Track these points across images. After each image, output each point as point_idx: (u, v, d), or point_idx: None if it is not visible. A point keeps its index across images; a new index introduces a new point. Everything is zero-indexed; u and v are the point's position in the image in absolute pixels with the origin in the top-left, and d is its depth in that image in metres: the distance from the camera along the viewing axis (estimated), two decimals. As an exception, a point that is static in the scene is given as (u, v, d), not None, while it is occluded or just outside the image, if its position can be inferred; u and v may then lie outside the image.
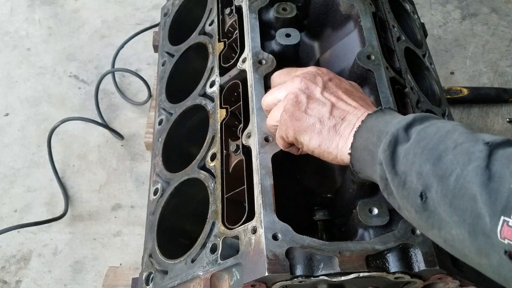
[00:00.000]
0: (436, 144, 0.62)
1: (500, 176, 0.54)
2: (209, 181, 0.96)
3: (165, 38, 1.37)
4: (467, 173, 0.56)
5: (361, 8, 1.08)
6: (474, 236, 0.55)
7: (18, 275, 1.53)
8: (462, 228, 0.56)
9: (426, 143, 0.63)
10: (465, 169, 0.57)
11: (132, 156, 1.80)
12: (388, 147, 0.66)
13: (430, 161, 0.61)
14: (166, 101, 1.21)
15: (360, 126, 0.73)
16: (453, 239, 0.59)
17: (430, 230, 0.63)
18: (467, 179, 0.56)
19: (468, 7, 2.33)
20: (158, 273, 0.96)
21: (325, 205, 0.99)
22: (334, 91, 0.80)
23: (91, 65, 2.05)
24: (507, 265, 0.53)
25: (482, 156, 0.56)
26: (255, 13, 1.10)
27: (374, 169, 0.70)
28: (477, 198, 0.54)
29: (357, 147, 0.73)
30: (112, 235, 1.62)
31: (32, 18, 2.21)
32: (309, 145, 0.78)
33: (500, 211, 0.52)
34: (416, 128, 0.66)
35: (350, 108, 0.77)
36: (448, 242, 0.61)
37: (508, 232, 0.51)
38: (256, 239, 0.80)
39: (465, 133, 0.62)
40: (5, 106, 1.92)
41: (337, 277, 0.78)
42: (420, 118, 0.68)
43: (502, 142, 0.58)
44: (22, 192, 1.70)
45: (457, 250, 0.61)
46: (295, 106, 0.79)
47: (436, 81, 1.24)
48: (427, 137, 0.64)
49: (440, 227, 0.61)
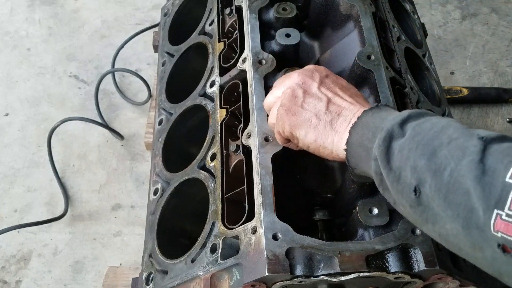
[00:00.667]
0: (430, 139, 0.62)
1: (494, 170, 0.54)
2: (209, 181, 0.96)
3: (165, 38, 1.37)
4: (461, 167, 0.56)
5: (361, 8, 1.08)
6: (468, 230, 0.56)
7: (18, 275, 1.53)
8: (456, 222, 0.57)
9: (421, 138, 0.63)
10: (459, 164, 0.57)
11: (132, 156, 1.80)
12: (383, 143, 0.67)
13: (425, 156, 0.61)
14: (166, 101, 1.21)
15: (356, 122, 0.73)
16: (447, 234, 0.60)
17: (424, 224, 0.64)
18: (461, 173, 0.56)
19: (468, 7, 2.33)
20: (158, 273, 0.96)
21: (325, 205, 0.99)
22: (330, 86, 0.81)
23: (91, 65, 2.05)
24: (500, 258, 0.53)
25: (476, 151, 0.56)
26: (255, 13, 1.10)
27: (369, 165, 0.70)
28: (470, 192, 0.55)
29: (353, 142, 0.73)
30: (112, 235, 1.62)
31: (32, 18, 2.21)
32: (305, 139, 0.78)
33: (493, 204, 0.52)
34: (411, 124, 0.67)
35: (346, 103, 0.77)
36: (442, 237, 0.61)
37: (501, 225, 0.52)
38: (256, 239, 0.80)
39: (460, 128, 0.62)
40: (5, 106, 1.92)
41: (337, 277, 0.78)
42: (416, 114, 0.68)
43: (496, 137, 0.58)
44: (22, 192, 1.70)
45: (451, 244, 0.61)
46: (291, 100, 0.80)
47: (436, 81, 1.24)
48: (422, 132, 0.64)
49: (435, 222, 0.61)
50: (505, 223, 0.51)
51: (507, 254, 0.52)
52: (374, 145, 0.68)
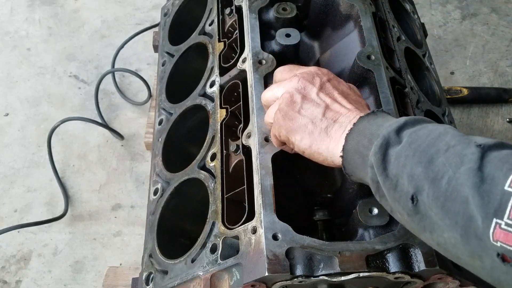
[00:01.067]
0: (427, 147, 0.61)
1: (493, 178, 0.53)
2: (209, 181, 0.96)
3: (165, 38, 1.37)
4: (459, 175, 0.56)
5: (361, 8, 1.08)
6: (466, 239, 0.55)
7: (18, 275, 1.53)
8: (454, 231, 0.56)
9: (417, 145, 0.63)
10: (457, 172, 0.56)
11: (132, 156, 1.80)
12: (379, 150, 0.66)
13: (422, 164, 0.60)
14: (166, 101, 1.21)
15: (352, 129, 0.73)
16: (445, 242, 0.59)
17: (422, 233, 0.63)
18: (459, 181, 0.55)
19: (468, 7, 2.33)
20: (158, 273, 0.96)
21: (325, 205, 0.99)
22: (330, 92, 0.80)
23: (91, 65, 2.05)
24: (499, 268, 0.53)
25: (474, 158, 0.56)
26: (255, 13, 1.10)
27: (365, 172, 0.70)
28: (469, 201, 0.54)
29: (349, 149, 0.72)
30: (112, 235, 1.62)
31: (32, 18, 2.21)
32: (300, 145, 0.78)
33: (492, 213, 0.52)
34: (407, 131, 0.66)
35: (343, 110, 0.77)
36: (441, 245, 0.61)
37: (501, 234, 0.51)
38: (256, 239, 0.80)
39: (457, 135, 0.61)
40: (5, 106, 1.92)
41: (337, 277, 0.78)
42: (412, 121, 0.67)
43: (494, 144, 0.57)
44: (22, 192, 1.70)
45: (450, 253, 0.60)
46: (289, 105, 0.79)
47: (436, 81, 1.24)
48: (419, 139, 0.63)
49: (432, 230, 0.60)
50: (505, 233, 0.51)
51: (507, 264, 0.52)
52: (370, 152, 0.68)
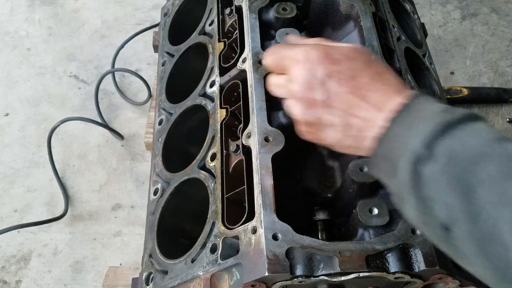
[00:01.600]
0: (466, 173, 0.55)
1: None
2: (209, 181, 0.96)
3: (165, 38, 1.37)
4: (499, 217, 0.51)
5: (361, 8, 1.08)
6: (502, 281, 0.53)
7: (18, 275, 1.53)
8: (490, 271, 0.54)
9: (454, 168, 0.56)
10: (498, 212, 0.52)
11: (132, 156, 1.80)
12: (410, 166, 0.60)
13: (458, 193, 0.55)
14: (166, 101, 1.21)
15: (383, 133, 0.67)
16: (475, 272, 0.57)
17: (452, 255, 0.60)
18: (499, 224, 0.51)
19: (468, 7, 2.33)
20: (158, 273, 0.96)
21: (325, 205, 0.99)
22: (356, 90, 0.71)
23: (91, 65, 2.05)
24: None
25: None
26: (255, 13, 1.10)
27: (392, 182, 0.65)
28: (509, 248, 0.50)
29: (377, 153, 0.67)
30: (112, 235, 1.62)
31: (32, 18, 2.21)
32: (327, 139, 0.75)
33: None
34: (440, 144, 0.58)
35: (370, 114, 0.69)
36: (468, 268, 0.58)
37: None
38: (256, 239, 0.80)
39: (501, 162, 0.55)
40: (5, 106, 1.92)
41: (337, 277, 0.78)
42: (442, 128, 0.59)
43: None
44: (22, 192, 1.70)
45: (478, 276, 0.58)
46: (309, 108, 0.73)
47: (436, 81, 1.24)
48: (455, 158, 0.57)
49: (464, 260, 0.58)
50: None
51: None
52: (399, 166, 0.62)
